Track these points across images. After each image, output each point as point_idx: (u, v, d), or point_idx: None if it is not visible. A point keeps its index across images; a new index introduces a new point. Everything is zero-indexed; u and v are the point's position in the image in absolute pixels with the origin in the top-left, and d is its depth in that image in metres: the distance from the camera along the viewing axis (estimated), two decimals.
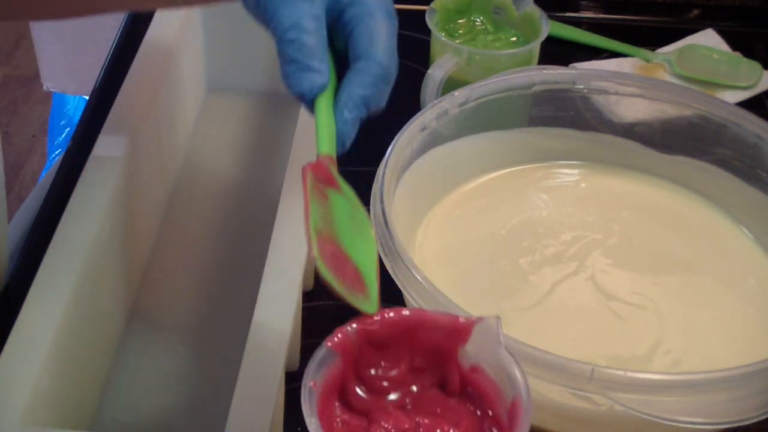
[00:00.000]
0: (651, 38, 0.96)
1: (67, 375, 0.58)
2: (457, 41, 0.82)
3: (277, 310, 0.58)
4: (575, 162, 0.74)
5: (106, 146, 0.66)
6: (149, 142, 0.72)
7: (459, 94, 0.68)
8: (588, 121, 0.73)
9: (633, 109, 0.72)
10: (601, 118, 0.73)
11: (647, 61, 0.93)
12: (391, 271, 0.59)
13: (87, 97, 0.91)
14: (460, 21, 0.85)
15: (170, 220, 0.78)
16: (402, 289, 0.59)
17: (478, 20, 0.85)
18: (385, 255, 0.60)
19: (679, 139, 0.71)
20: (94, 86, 0.93)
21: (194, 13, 0.83)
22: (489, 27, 0.84)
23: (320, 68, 0.49)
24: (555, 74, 0.70)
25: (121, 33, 0.99)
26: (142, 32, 0.99)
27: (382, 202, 0.61)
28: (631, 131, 0.73)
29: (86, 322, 0.61)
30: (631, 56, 0.94)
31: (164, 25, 0.78)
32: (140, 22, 1.02)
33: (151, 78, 0.73)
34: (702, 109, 0.69)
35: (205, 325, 0.70)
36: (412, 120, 0.67)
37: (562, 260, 0.68)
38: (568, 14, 0.99)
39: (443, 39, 0.80)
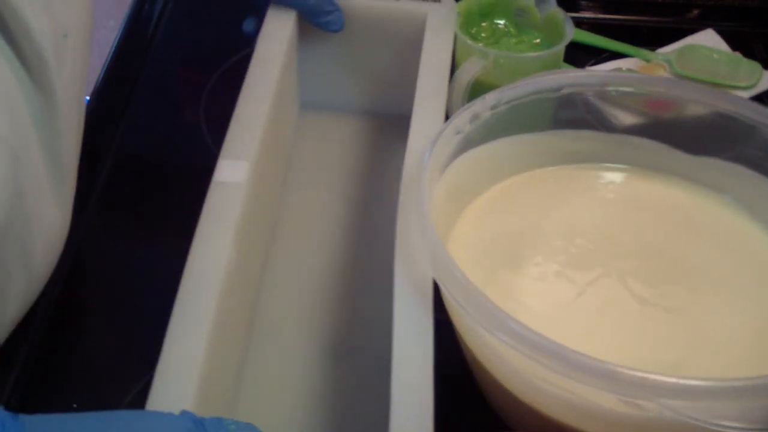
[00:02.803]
0: (651, 38, 0.97)
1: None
2: (480, 44, 0.81)
3: (417, 347, 0.57)
4: (603, 164, 0.74)
5: (227, 172, 0.66)
6: (263, 165, 0.72)
7: (490, 98, 0.68)
8: (615, 123, 0.73)
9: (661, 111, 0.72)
10: (628, 120, 0.73)
11: (647, 61, 0.93)
12: (436, 276, 0.59)
13: (87, 98, 0.89)
14: (483, 24, 0.85)
15: (276, 243, 0.78)
16: (446, 292, 0.59)
17: (501, 23, 0.85)
18: (433, 261, 0.59)
19: (708, 141, 0.71)
20: (94, 86, 0.91)
21: (292, 31, 0.83)
22: (512, 30, 0.84)
23: None
24: (583, 77, 0.70)
25: (121, 34, 0.98)
26: (143, 33, 0.98)
27: (423, 206, 0.61)
28: (659, 133, 0.73)
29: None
30: (631, 56, 0.94)
31: (271, 44, 0.79)
32: (141, 22, 1.00)
33: (262, 99, 0.73)
34: (731, 110, 0.69)
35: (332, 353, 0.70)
36: (447, 124, 0.66)
37: (592, 262, 0.68)
38: (568, 14, 0.99)
39: (469, 42, 0.79)
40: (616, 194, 0.73)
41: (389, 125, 0.88)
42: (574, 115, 0.72)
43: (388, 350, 0.57)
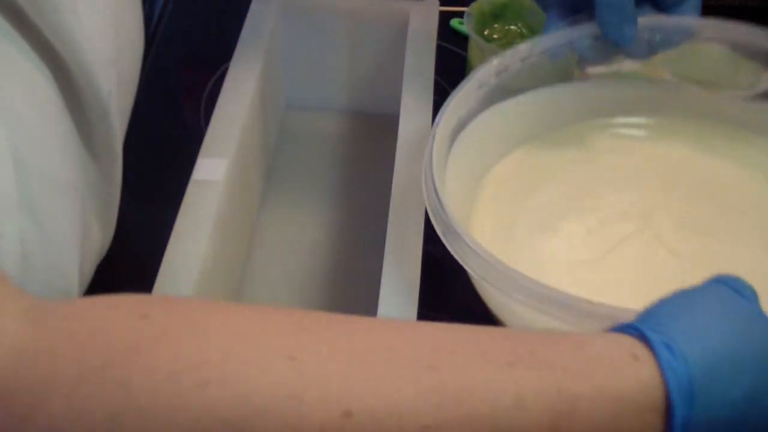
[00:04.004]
0: None
1: None
2: (493, 46, 0.79)
3: None
4: (637, 119, 0.72)
5: (206, 170, 0.66)
6: (243, 163, 0.71)
7: (523, 48, 0.65)
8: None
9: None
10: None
11: None
12: (448, 245, 0.55)
13: None
14: (495, 26, 0.83)
15: (258, 240, 0.77)
16: (462, 263, 0.55)
17: (513, 25, 0.83)
18: (444, 234, 0.56)
19: None
20: None
21: (275, 28, 0.82)
22: (524, 31, 0.83)
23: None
24: None
25: None
26: (144, 32, 0.95)
27: (432, 173, 0.57)
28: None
29: None
30: None
31: (252, 42, 0.78)
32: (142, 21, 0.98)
33: (243, 98, 0.72)
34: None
35: None
36: (466, 79, 0.63)
37: (625, 219, 0.65)
38: None
39: (483, 44, 0.78)
40: (650, 151, 0.71)
41: (375, 124, 0.87)
42: None
43: None
